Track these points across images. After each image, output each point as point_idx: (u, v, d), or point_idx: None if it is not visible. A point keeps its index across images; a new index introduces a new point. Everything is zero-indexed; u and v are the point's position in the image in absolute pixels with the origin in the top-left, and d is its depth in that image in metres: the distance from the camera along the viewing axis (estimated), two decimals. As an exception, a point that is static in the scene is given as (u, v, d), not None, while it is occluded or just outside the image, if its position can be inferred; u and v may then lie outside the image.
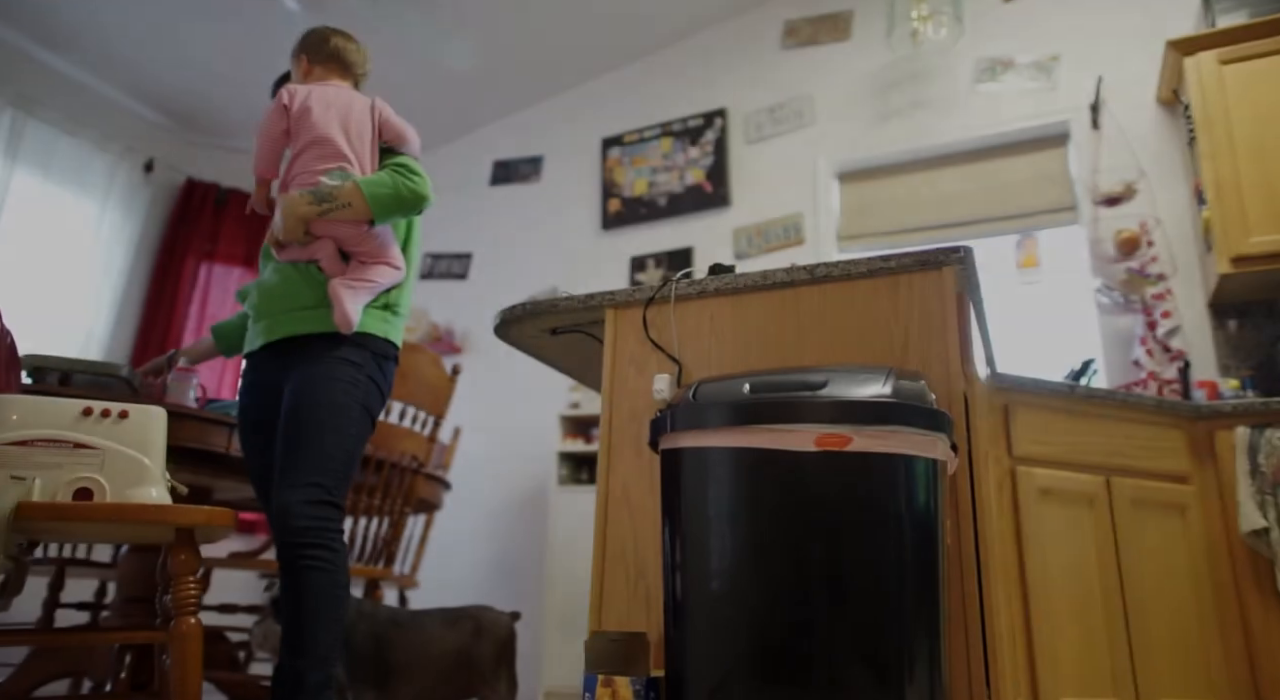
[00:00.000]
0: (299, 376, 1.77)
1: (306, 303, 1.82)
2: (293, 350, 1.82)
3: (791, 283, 1.62)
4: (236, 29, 4.22)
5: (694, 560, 1.23)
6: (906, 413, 1.18)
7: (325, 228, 1.81)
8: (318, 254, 1.82)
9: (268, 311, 1.86)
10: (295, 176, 1.85)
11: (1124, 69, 3.62)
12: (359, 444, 1.79)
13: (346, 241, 1.83)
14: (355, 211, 1.79)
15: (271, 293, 1.87)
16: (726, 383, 1.33)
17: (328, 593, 1.63)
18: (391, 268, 1.88)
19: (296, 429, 1.72)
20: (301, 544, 1.63)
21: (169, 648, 1.30)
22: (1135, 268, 3.29)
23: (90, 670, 2.63)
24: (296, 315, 1.82)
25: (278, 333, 1.83)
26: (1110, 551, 2.24)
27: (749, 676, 1.16)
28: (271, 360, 1.86)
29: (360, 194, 1.78)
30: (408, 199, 1.82)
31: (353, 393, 1.78)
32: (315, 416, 1.73)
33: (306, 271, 1.84)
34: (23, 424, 1.29)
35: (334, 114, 1.88)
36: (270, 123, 1.88)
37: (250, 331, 1.93)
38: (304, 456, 1.69)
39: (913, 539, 1.15)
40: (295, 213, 1.78)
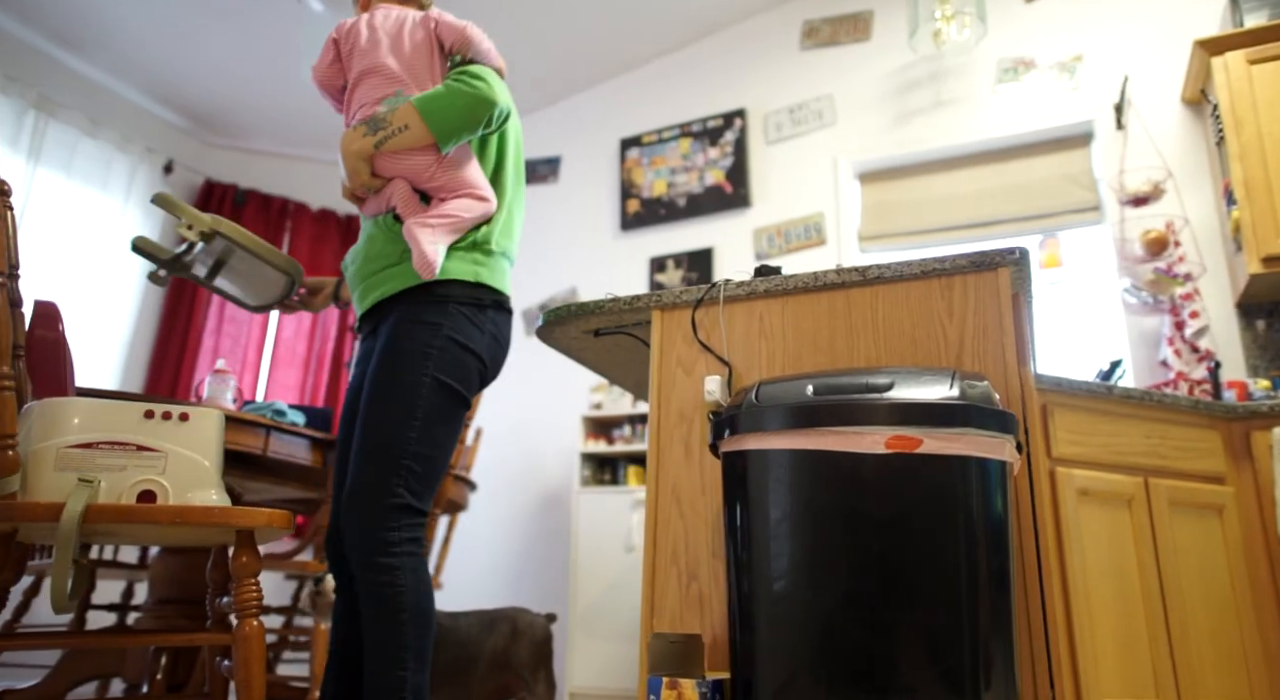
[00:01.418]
0: (375, 352, 1.57)
1: (389, 260, 1.60)
2: (379, 320, 1.63)
3: (843, 284, 1.62)
4: (257, 31, 4.22)
5: (761, 562, 1.23)
6: (976, 414, 1.18)
7: (390, 165, 1.58)
8: (394, 200, 1.60)
9: (359, 277, 1.67)
10: (354, 115, 1.65)
11: (1148, 69, 3.61)
12: (439, 428, 1.51)
13: (417, 176, 1.58)
14: (414, 134, 1.53)
15: (357, 256, 1.67)
16: (788, 384, 1.32)
17: (389, 620, 1.38)
18: (475, 199, 1.60)
19: (369, 419, 1.50)
20: (366, 563, 1.40)
21: (233, 650, 1.30)
22: (1162, 268, 3.28)
23: (122, 671, 2.63)
24: (380, 277, 1.61)
25: (369, 299, 1.63)
26: (1149, 552, 2.23)
27: (820, 680, 1.16)
28: (366, 331, 1.69)
29: (414, 111, 1.53)
30: (467, 107, 1.53)
31: (425, 365, 1.51)
32: (386, 403, 1.49)
33: (385, 224, 1.61)
34: (85, 427, 1.29)
35: (381, 36, 1.66)
36: (320, 61, 1.70)
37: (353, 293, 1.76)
38: (373, 453, 1.46)
39: (986, 542, 1.15)
40: (351, 149, 1.56)
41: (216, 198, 4.91)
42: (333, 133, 5.10)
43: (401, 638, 1.35)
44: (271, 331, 4.94)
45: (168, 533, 1.37)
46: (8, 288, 1.25)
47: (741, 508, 1.27)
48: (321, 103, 4.78)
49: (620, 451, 3.93)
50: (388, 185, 1.60)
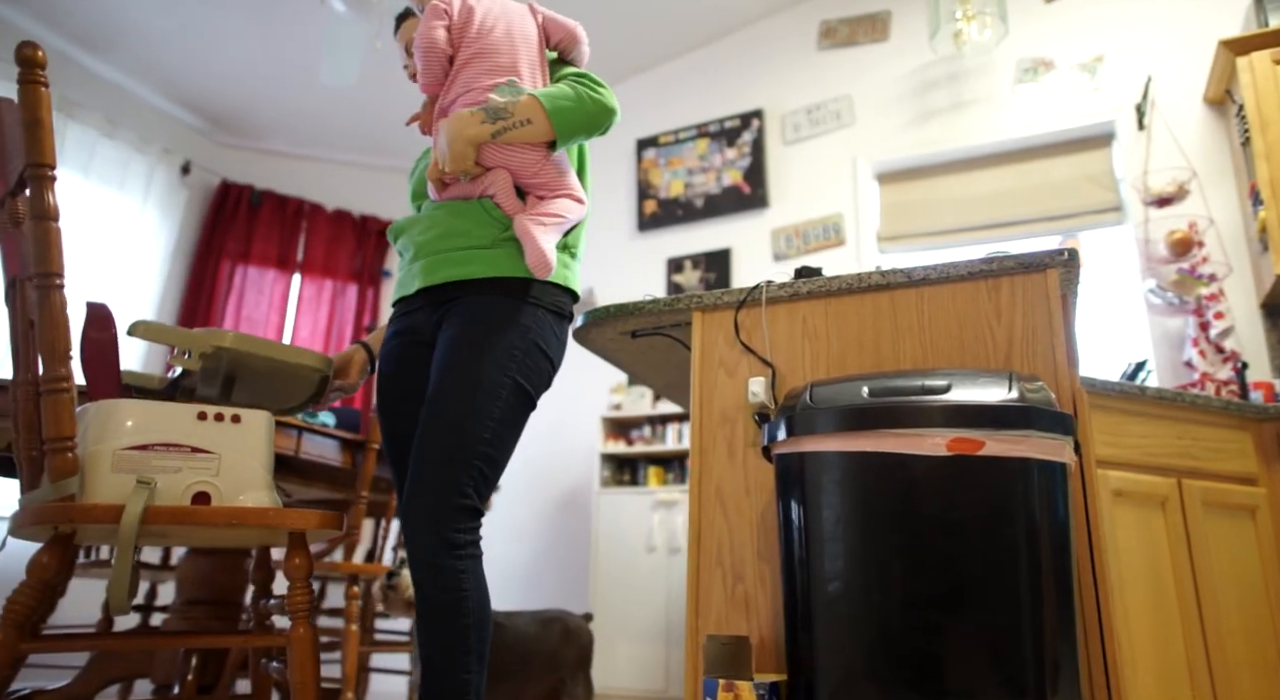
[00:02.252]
0: (449, 337, 1.48)
1: (480, 240, 1.52)
2: (450, 300, 1.53)
3: (887, 285, 1.62)
4: (276, 32, 4.23)
5: (820, 565, 1.23)
6: (1038, 416, 1.18)
7: (497, 155, 1.52)
8: (491, 188, 1.53)
9: (430, 247, 1.56)
10: (458, 96, 1.56)
11: (1170, 69, 3.61)
12: (509, 431, 1.46)
13: (521, 171, 1.53)
14: (535, 130, 1.50)
15: (436, 225, 1.56)
16: (842, 385, 1.32)
17: (453, 623, 1.33)
18: (574, 200, 1.58)
19: (438, 408, 1.42)
20: (431, 565, 1.34)
21: (288, 652, 1.30)
22: (1186, 268, 3.28)
23: (151, 673, 2.64)
24: (467, 254, 1.51)
25: (440, 274, 1.52)
26: (1183, 554, 2.23)
27: (881, 683, 1.16)
28: (426, 311, 1.57)
29: (540, 108, 1.49)
30: (594, 113, 1.52)
31: (509, 366, 1.45)
32: (462, 394, 1.42)
33: (481, 204, 1.54)
34: (140, 429, 1.29)
35: (495, 22, 1.59)
36: (429, 29, 1.57)
37: (402, 274, 1.63)
38: (444, 449, 1.40)
39: (1050, 545, 1.14)
40: (464, 134, 1.48)
41: (233, 198, 4.92)
42: (347, 133, 5.10)
43: (466, 641, 1.32)
44: (288, 333, 4.94)
45: (221, 534, 1.37)
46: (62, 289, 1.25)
47: (799, 510, 1.27)
48: (338, 103, 4.78)
49: (640, 452, 3.93)
50: (486, 174, 1.54)
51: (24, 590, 1.18)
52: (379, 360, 1.66)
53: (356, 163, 5.38)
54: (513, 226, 1.51)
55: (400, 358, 1.60)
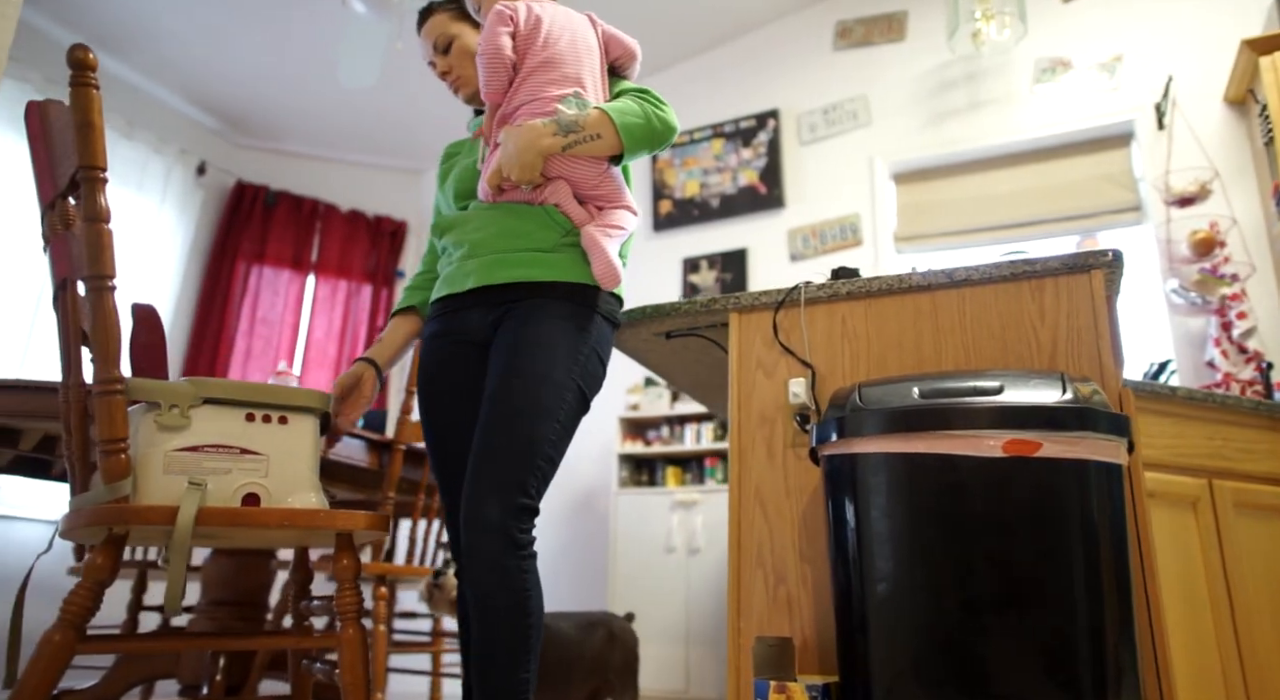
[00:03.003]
0: (513, 339, 1.46)
1: (542, 243, 1.52)
2: (509, 302, 1.52)
3: (928, 286, 1.62)
4: (294, 33, 4.23)
5: (873, 567, 1.23)
6: (1095, 418, 1.17)
7: (561, 166, 1.52)
8: (553, 199, 1.54)
9: (487, 246, 1.54)
10: (522, 104, 1.55)
11: (1189, 68, 3.60)
12: (568, 434, 1.47)
13: (583, 183, 1.54)
14: (603, 145, 1.50)
15: (492, 224, 1.55)
16: (891, 386, 1.32)
17: (517, 623, 1.33)
18: (631, 213, 1.59)
19: (504, 407, 1.40)
20: (492, 564, 1.33)
21: (339, 653, 1.30)
22: (1208, 268, 3.27)
23: (177, 673, 2.64)
24: (530, 257, 1.51)
25: (501, 275, 1.51)
26: (1215, 555, 2.22)
27: (938, 686, 1.15)
28: (480, 310, 1.55)
29: (610, 124, 1.50)
30: (659, 131, 1.54)
31: (574, 369, 1.46)
32: (530, 394, 1.41)
33: (543, 209, 1.54)
34: (189, 431, 1.30)
35: (561, 33, 1.59)
36: (494, 36, 1.56)
37: (452, 271, 1.59)
38: (509, 447, 1.38)
39: (1108, 547, 1.14)
40: (535, 145, 1.48)
41: (248, 198, 4.92)
42: (362, 134, 5.11)
43: (527, 641, 1.32)
44: (303, 334, 4.95)
45: (271, 535, 1.37)
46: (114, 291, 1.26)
47: (851, 511, 1.27)
48: (353, 104, 4.78)
49: (658, 452, 3.93)
50: (547, 184, 1.54)
51: (80, 592, 1.18)
52: (421, 360, 1.64)
53: (371, 163, 5.38)
54: (581, 236, 1.51)
55: (445, 357, 1.58)
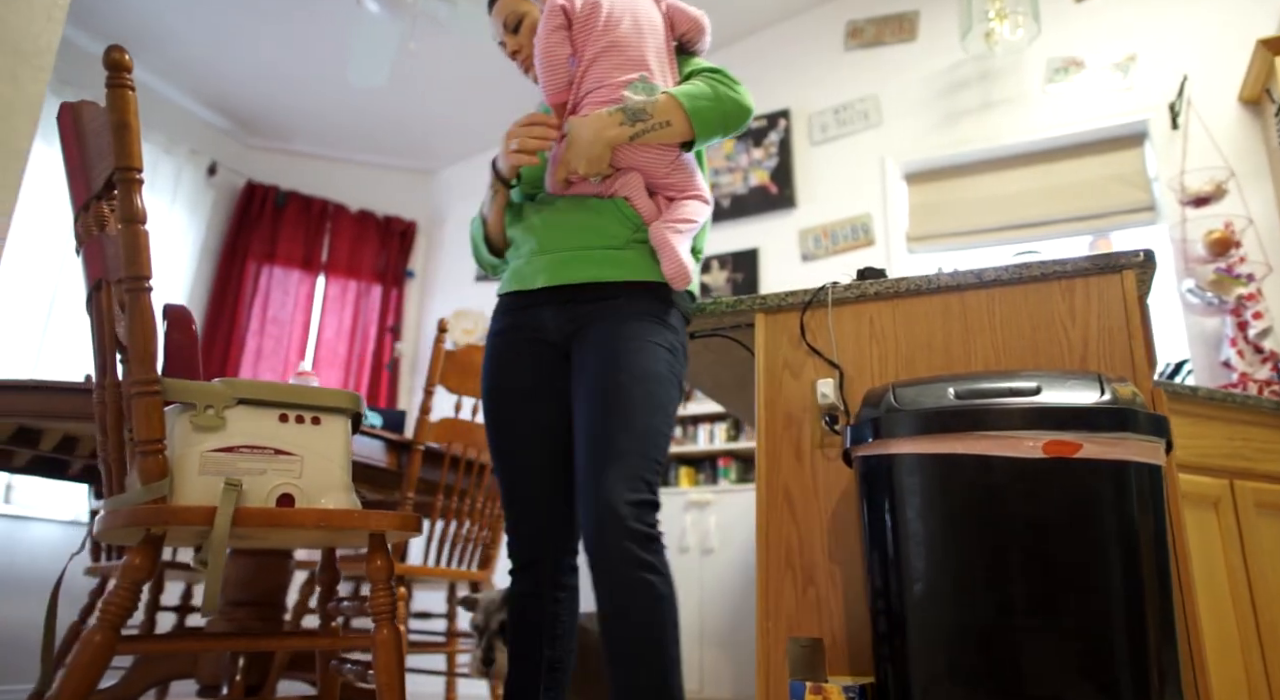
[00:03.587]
0: (607, 337, 1.42)
1: (614, 241, 1.47)
2: (587, 300, 1.47)
3: (957, 286, 1.62)
4: (305, 33, 4.23)
5: (911, 569, 1.23)
6: (1135, 419, 1.17)
7: (630, 156, 1.46)
8: (623, 190, 1.48)
9: (558, 243, 1.49)
10: (589, 93, 1.49)
11: (1203, 68, 3.59)
12: (672, 431, 1.44)
13: (654, 172, 1.48)
14: (674, 131, 1.45)
15: (565, 222, 1.50)
16: (925, 387, 1.32)
17: (667, 621, 1.28)
18: (702, 202, 1.53)
19: (618, 405, 1.35)
20: (633, 559, 1.28)
21: (373, 654, 1.30)
22: (1223, 268, 3.27)
23: (196, 673, 2.64)
24: (604, 255, 1.46)
25: (574, 274, 1.46)
26: (1237, 555, 2.22)
27: (976, 688, 1.15)
28: (552, 309, 1.49)
29: (680, 109, 1.44)
30: (732, 113, 1.48)
31: (674, 364, 1.43)
32: (642, 390, 1.36)
33: (614, 203, 1.48)
34: (224, 431, 1.30)
35: (622, 14, 1.51)
36: (548, 35, 1.50)
37: (521, 266, 1.54)
38: (628, 443, 1.33)
39: (1150, 549, 1.14)
40: (603, 136, 1.42)
41: (258, 199, 4.92)
42: (371, 134, 5.11)
43: (675, 643, 1.28)
44: (313, 333, 4.95)
45: (305, 536, 1.37)
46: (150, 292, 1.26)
47: (888, 513, 1.27)
48: (362, 104, 4.79)
49: (671, 453, 3.93)
50: (618, 175, 1.48)
51: (119, 592, 1.18)
52: (489, 357, 1.57)
53: (380, 163, 5.39)
54: (649, 234, 1.47)
55: (515, 355, 1.53)
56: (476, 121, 5.09)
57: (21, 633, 3.45)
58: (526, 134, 1.48)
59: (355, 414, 1.47)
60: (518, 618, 1.52)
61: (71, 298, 3.89)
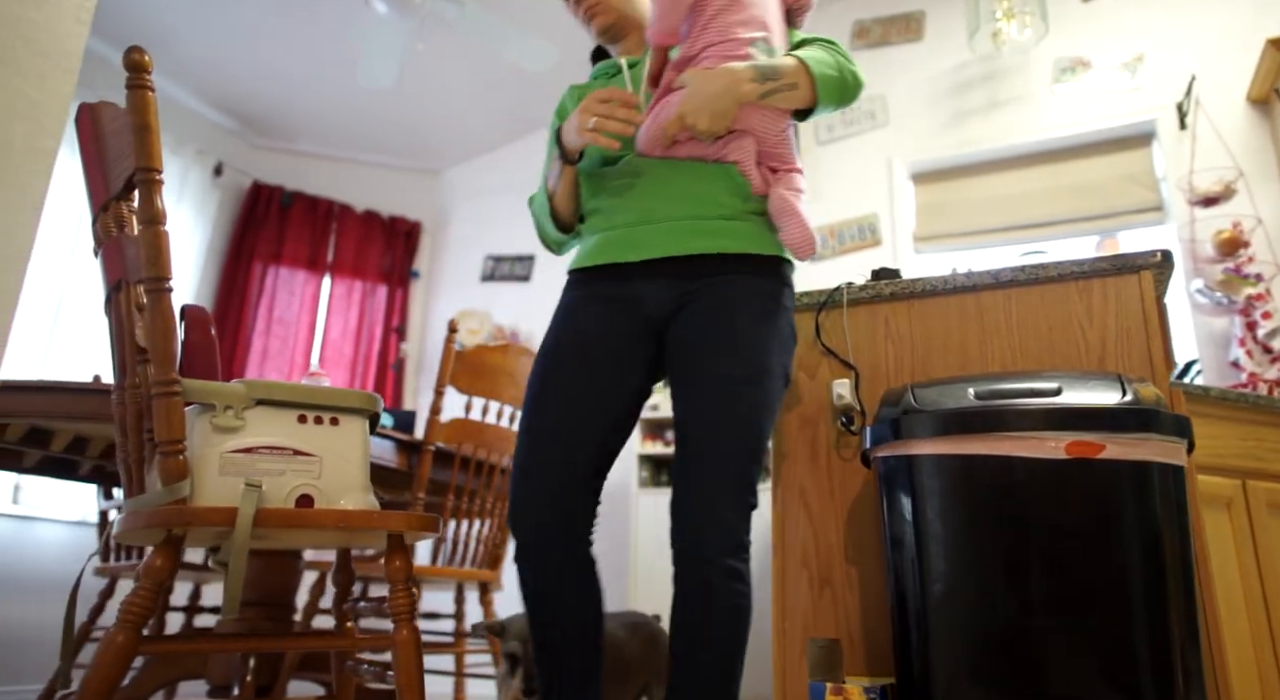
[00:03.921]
0: (722, 324, 1.32)
1: (728, 210, 1.37)
2: (697, 275, 1.37)
3: (973, 286, 1.62)
4: (313, 33, 4.23)
5: (933, 570, 1.22)
6: (1157, 419, 1.17)
7: (747, 117, 1.36)
8: (735, 155, 1.38)
9: (667, 211, 1.38)
10: (711, 46, 1.36)
11: (1211, 68, 3.59)
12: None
13: (766, 138, 1.39)
14: (799, 95, 1.35)
15: (670, 189, 1.38)
16: (944, 387, 1.32)
17: (743, 633, 1.24)
18: (801, 175, 1.45)
19: (729, 403, 1.27)
20: (724, 569, 1.22)
21: (393, 655, 1.30)
22: (1232, 268, 3.26)
23: (207, 674, 2.64)
24: (719, 225, 1.36)
25: (690, 245, 1.35)
26: (1250, 556, 2.22)
27: (999, 689, 1.15)
28: (659, 283, 1.38)
29: (807, 73, 1.35)
30: (850, 86, 1.41)
31: (784, 355, 1.35)
32: (755, 387, 1.28)
33: (724, 169, 1.38)
34: (244, 431, 1.30)
35: None
36: None
37: (615, 237, 1.42)
38: (737, 444, 1.26)
39: (1174, 548, 1.14)
40: (734, 91, 1.30)
41: (264, 199, 4.93)
42: (376, 134, 5.11)
43: (744, 654, 1.24)
44: (319, 334, 4.96)
45: (324, 536, 1.37)
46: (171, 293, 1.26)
47: (910, 514, 1.27)
48: (368, 105, 4.79)
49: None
50: (731, 138, 1.37)
51: (141, 593, 1.18)
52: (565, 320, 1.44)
53: (386, 164, 5.39)
54: (770, 200, 1.37)
55: (608, 323, 1.40)
56: (482, 122, 5.09)
57: (29, 633, 3.45)
58: (607, 114, 1.34)
59: (373, 415, 1.47)
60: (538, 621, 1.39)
61: (78, 298, 3.89)
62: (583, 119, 1.36)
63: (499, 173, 5.34)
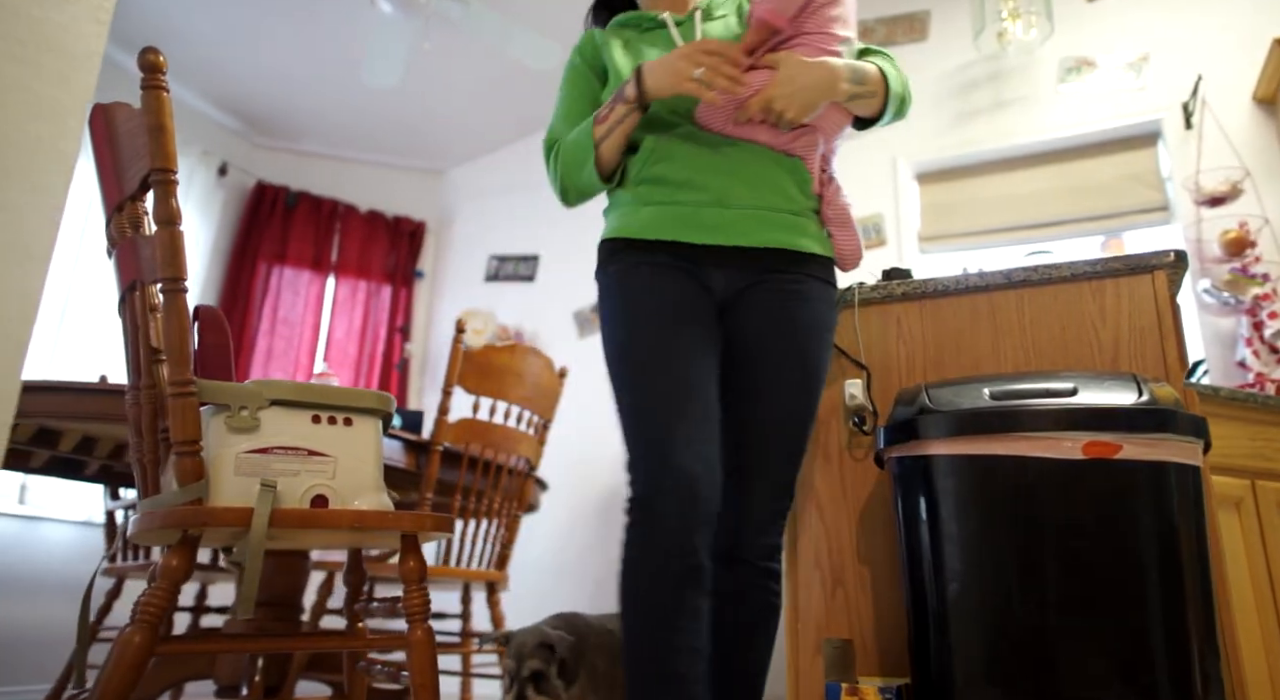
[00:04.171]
0: (793, 321, 1.30)
1: (797, 206, 1.34)
2: (764, 268, 1.32)
3: (985, 287, 1.62)
4: (319, 33, 4.23)
5: (947, 570, 1.22)
6: (1174, 420, 1.17)
7: (825, 116, 1.34)
8: (804, 150, 1.34)
9: (742, 198, 1.32)
10: (805, 34, 1.33)
11: (1217, 67, 3.59)
12: None
13: (830, 140, 1.38)
14: (872, 104, 1.37)
15: (745, 173, 1.32)
16: (959, 387, 1.32)
17: (775, 632, 1.26)
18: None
19: (794, 407, 1.26)
20: (768, 572, 1.24)
21: (408, 655, 1.30)
22: (1238, 268, 3.26)
23: (215, 674, 2.64)
24: (790, 221, 1.33)
25: (762, 237, 1.31)
26: (1259, 556, 2.21)
27: (1016, 689, 1.15)
28: (727, 271, 1.33)
29: (884, 83, 1.36)
30: (908, 106, 1.43)
31: (829, 363, 1.37)
32: (812, 397, 1.28)
33: (796, 166, 1.35)
34: (259, 432, 1.30)
35: None
36: None
37: (683, 213, 1.32)
38: (794, 447, 1.26)
39: (1191, 548, 1.14)
40: (832, 87, 1.28)
41: (268, 199, 4.93)
42: (380, 134, 5.11)
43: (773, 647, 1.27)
44: (324, 334, 4.96)
45: (337, 536, 1.37)
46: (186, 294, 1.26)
47: (926, 514, 1.27)
48: (372, 105, 4.79)
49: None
50: (803, 131, 1.34)
51: (158, 593, 1.18)
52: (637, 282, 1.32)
53: (390, 164, 5.39)
54: (833, 206, 1.37)
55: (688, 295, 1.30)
56: (486, 121, 5.09)
57: (35, 633, 3.45)
58: (716, 67, 1.25)
59: (386, 415, 1.47)
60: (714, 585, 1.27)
61: (84, 298, 3.89)
62: (684, 66, 1.25)
63: (503, 172, 5.34)
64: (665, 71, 1.28)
